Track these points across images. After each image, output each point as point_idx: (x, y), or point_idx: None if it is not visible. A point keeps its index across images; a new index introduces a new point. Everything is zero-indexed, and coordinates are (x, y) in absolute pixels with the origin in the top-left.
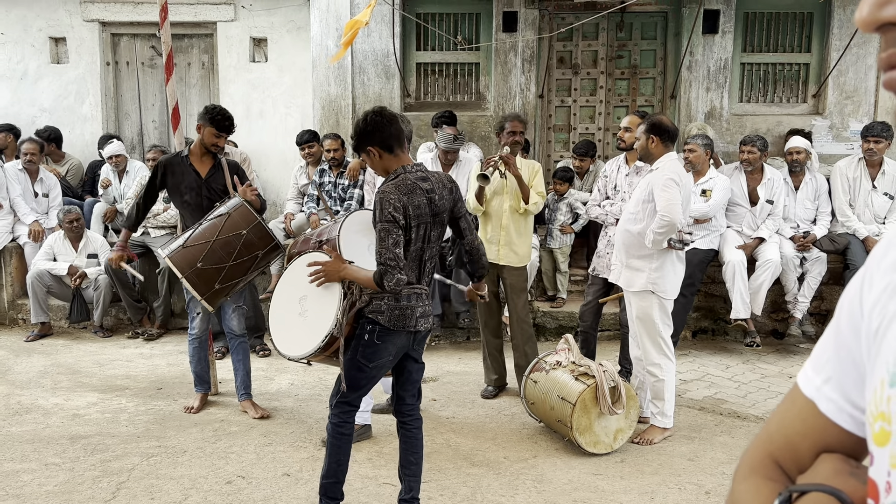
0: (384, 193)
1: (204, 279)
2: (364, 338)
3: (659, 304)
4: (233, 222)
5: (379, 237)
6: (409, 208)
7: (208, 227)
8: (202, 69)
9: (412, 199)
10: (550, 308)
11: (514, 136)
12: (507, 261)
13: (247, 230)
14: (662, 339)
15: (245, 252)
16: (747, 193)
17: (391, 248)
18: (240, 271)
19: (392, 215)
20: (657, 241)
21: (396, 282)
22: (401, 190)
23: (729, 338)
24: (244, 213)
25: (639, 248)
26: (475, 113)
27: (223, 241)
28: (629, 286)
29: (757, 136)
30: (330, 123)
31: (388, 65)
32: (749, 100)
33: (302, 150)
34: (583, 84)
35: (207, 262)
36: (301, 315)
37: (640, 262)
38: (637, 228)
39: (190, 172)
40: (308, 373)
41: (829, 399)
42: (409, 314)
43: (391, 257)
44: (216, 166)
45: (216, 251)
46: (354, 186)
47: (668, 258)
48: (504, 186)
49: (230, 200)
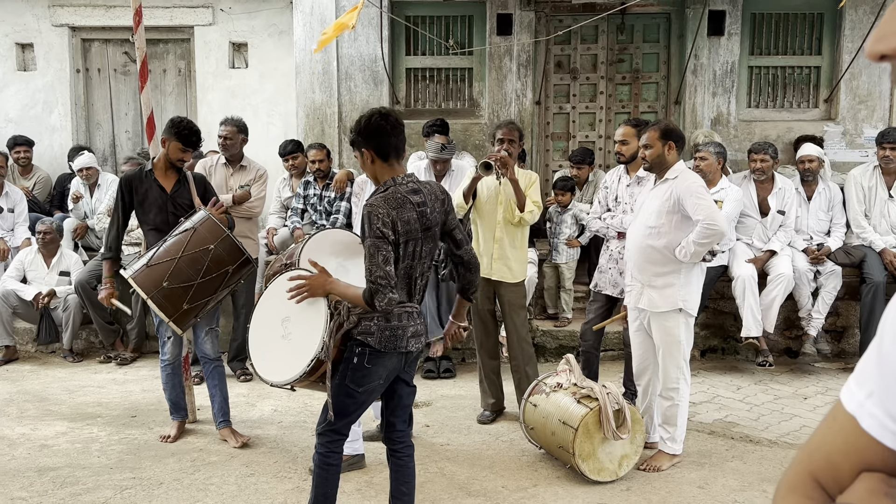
0: (372, 207)
1: (171, 299)
2: (353, 361)
3: (686, 322)
4: (199, 237)
5: (368, 254)
6: (399, 223)
7: (173, 244)
8: (178, 76)
9: (401, 214)
10: (551, 327)
11: (505, 143)
12: (500, 276)
13: (214, 245)
14: (685, 362)
15: (214, 268)
16: (757, 204)
17: (381, 266)
18: (209, 289)
19: (381, 231)
20: (698, 252)
21: (388, 301)
22: (390, 204)
23: (740, 357)
24: (211, 227)
25: (664, 264)
26: (469, 120)
27: (190, 258)
28: (654, 307)
29: (768, 144)
30: (314, 133)
31: (377, 70)
32: (757, 105)
33: (285, 162)
34: (582, 90)
35: (174, 280)
36: (284, 337)
37: (666, 280)
38: (662, 243)
39: (154, 188)
40: (292, 398)
41: (872, 415)
42: (401, 334)
43: (382, 275)
44: (181, 181)
45: (183, 269)
46: (341, 199)
47: (694, 272)
48: (498, 193)
49: (195, 214)
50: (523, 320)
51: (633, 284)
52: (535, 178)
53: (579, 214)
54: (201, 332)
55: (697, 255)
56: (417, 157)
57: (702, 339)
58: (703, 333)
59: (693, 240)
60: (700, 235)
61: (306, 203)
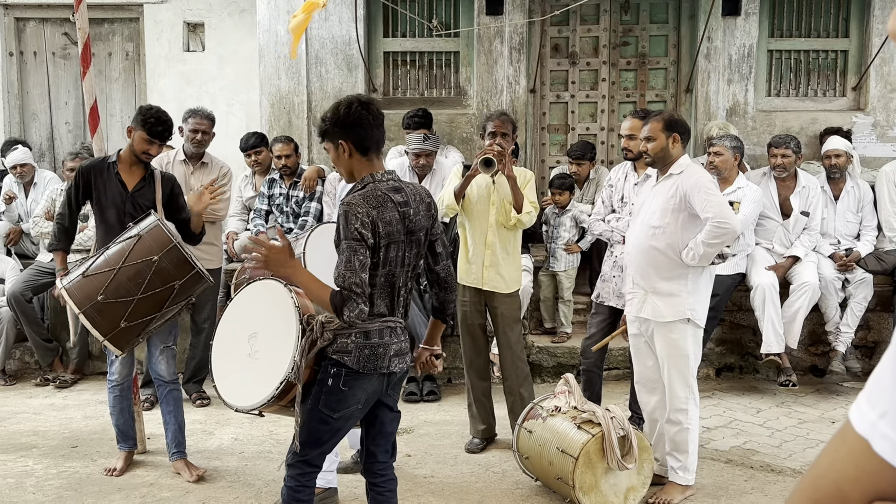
0: (350, 206)
1: (106, 316)
2: (328, 383)
3: (694, 334)
4: (143, 247)
5: (344, 257)
6: (379, 224)
7: (115, 253)
8: (126, 60)
9: (382, 214)
10: (548, 343)
11: (497, 137)
12: (492, 285)
13: (159, 256)
14: (694, 379)
15: (158, 283)
16: (778, 204)
17: (357, 271)
18: (152, 307)
19: (359, 232)
20: (708, 254)
21: (358, 313)
22: (369, 202)
23: (759, 376)
24: (157, 236)
25: (669, 269)
26: (455, 111)
27: (131, 270)
28: (659, 316)
29: (790, 137)
30: (280, 124)
31: (350, 54)
32: (778, 93)
33: (247, 157)
34: (582, 76)
35: (111, 294)
36: (251, 356)
37: (671, 286)
38: (665, 243)
39: (114, 183)
40: (255, 425)
41: (886, 437)
42: (382, 353)
43: (356, 282)
44: (147, 179)
45: (122, 282)
46: (311, 199)
47: (702, 278)
48: (490, 193)
49: (145, 220)
50: (518, 336)
51: (634, 292)
52: (530, 176)
53: (579, 216)
54: (155, 350)
55: (707, 257)
56: (397, 153)
57: (717, 356)
58: (718, 350)
59: (702, 240)
60: (710, 235)
61: (271, 204)
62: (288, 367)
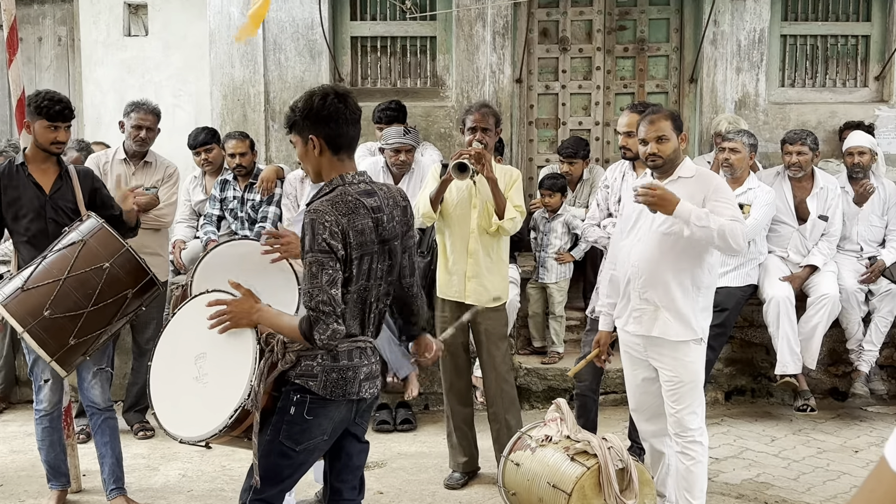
0: (317, 214)
1: (54, 333)
2: (289, 412)
3: (701, 354)
4: (90, 253)
5: (309, 273)
6: (350, 234)
7: (56, 262)
8: (59, 46)
9: (353, 222)
10: (537, 364)
11: (477, 133)
12: (475, 299)
13: (110, 262)
14: (702, 406)
15: (109, 292)
16: (794, 207)
17: (325, 289)
18: (103, 319)
19: (328, 244)
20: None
21: (332, 334)
22: (339, 209)
23: (774, 400)
24: (105, 240)
25: (684, 280)
26: (431, 103)
27: (78, 280)
28: (672, 334)
29: (806, 132)
30: (234, 118)
31: (313, 39)
32: (793, 84)
33: (197, 156)
34: (574, 65)
35: (58, 308)
36: (198, 380)
37: (686, 300)
38: (679, 250)
39: (29, 186)
40: (206, 459)
41: None
42: (351, 377)
43: (325, 300)
44: (63, 177)
45: (69, 294)
46: (269, 203)
47: (709, 292)
48: (472, 195)
49: (84, 223)
50: (504, 355)
51: (642, 308)
52: (516, 175)
53: (572, 221)
54: (88, 374)
55: (703, 230)
56: (367, 151)
57: (726, 378)
58: (727, 371)
59: (720, 223)
60: (724, 227)
61: (224, 208)
62: (244, 393)
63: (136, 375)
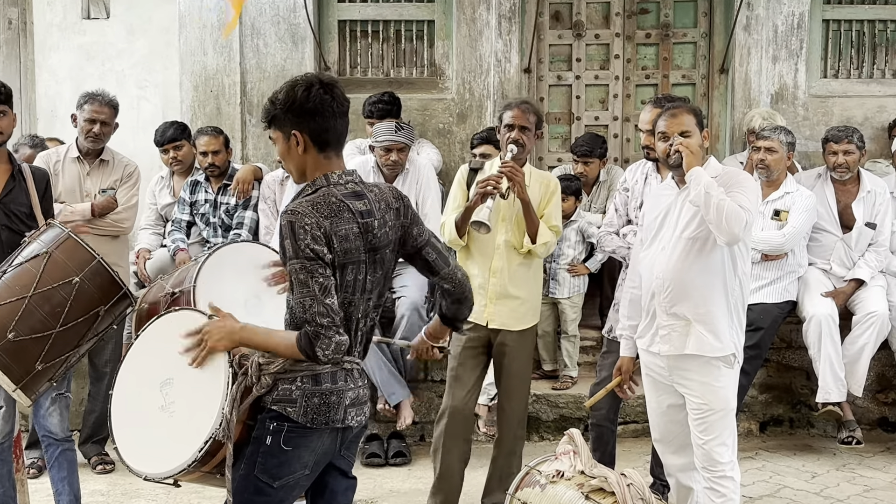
0: (296, 216)
1: (19, 358)
2: (266, 442)
3: (733, 379)
4: (57, 266)
5: (298, 282)
6: (333, 238)
7: (19, 277)
8: (9, 30)
9: (336, 226)
10: (548, 390)
11: (514, 131)
12: (500, 322)
13: (80, 276)
14: (734, 437)
15: (79, 310)
16: (837, 214)
17: (320, 299)
18: (72, 340)
19: (312, 249)
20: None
21: (336, 347)
22: (320, 210)
23: (815, 431)
24: (73, 251)
25: (715, 287)
26: (429, 95)
27: (45, 297)
28: (708, 350)
29: (852, 129)
30: (207, 111)
31: (296, 23)
32: (836, 74)
33: (164, 154)
34: (590, 52)
35: (23, 329)
36: (164, 409)
37: (720, 311)
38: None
39: None
40: (173, 497)
41: None
42: (335, 402)
43: (322, 311)
44: (16, 177)
45: (35, 313)
46: (245, 207)
47: (740, 306)
48: (500, 207)
49: (46, 232)
50: (525, 384)
51: (671, 325)
52: (554, 186)
53: (587, 229)
54: (46, 400)
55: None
56: (356, 149)
57: (761, 407)
58: (762, 398)
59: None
60: (730, 209)
61: (194, 213)
62: (214, 423)
63: (94, 402)
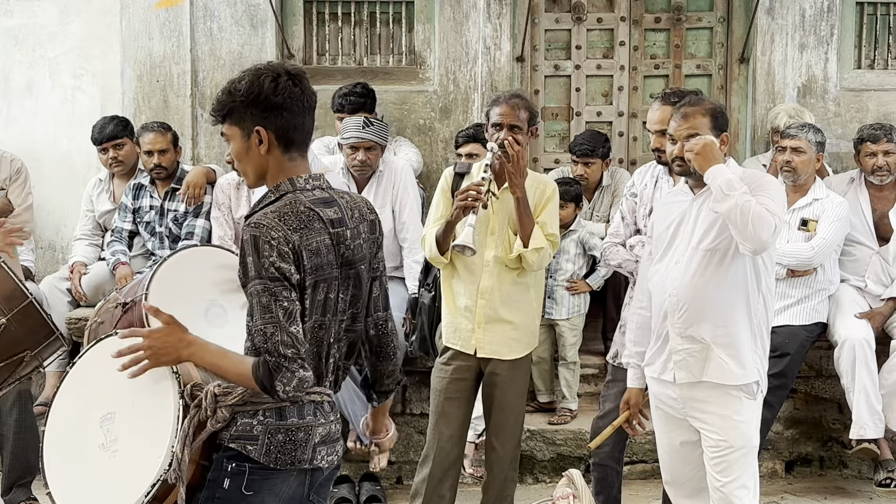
0: (261, 229)
1: None
2: (223, 486)
3: (756, 412)
4: None
5: (259, 306)
6: (304, 254)
7: None
8: None
9: (307, 239)
10: (544, 425)
11: (503, 130)
12: (490, 350)
13: (7, 318)
14: (756, 479)
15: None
16: (872, 224)
17: (285, 326)
18: None
19: (277, 268)
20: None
21: (298, 384)
22: (289, 223)
23: (848, 472)
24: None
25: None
26: (408, 87)
27: None
28: (728, 378)
29: (890, 126)
30: (152, 105)
31: (255, 4)
32: (872, 65)
33: (103, 153)
34: (591, 39)
35: None
36: (105, 448)
37: (742, 332)
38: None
39: None
40: None
41: None
42: (303, 440)
43: (286, 341)
44: None
45: None
46: (196, 215)
47: (764, 328)
48: (489, 218)
49: None
50: (518, 418)
51: (688, 349)
52: (551, 191)
53: (588, 240)
54: None
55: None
56: (324, 148)
57: (787, 444)
58: (789, 434)
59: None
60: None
61: (137, 221)
62: (163, 463)
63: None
